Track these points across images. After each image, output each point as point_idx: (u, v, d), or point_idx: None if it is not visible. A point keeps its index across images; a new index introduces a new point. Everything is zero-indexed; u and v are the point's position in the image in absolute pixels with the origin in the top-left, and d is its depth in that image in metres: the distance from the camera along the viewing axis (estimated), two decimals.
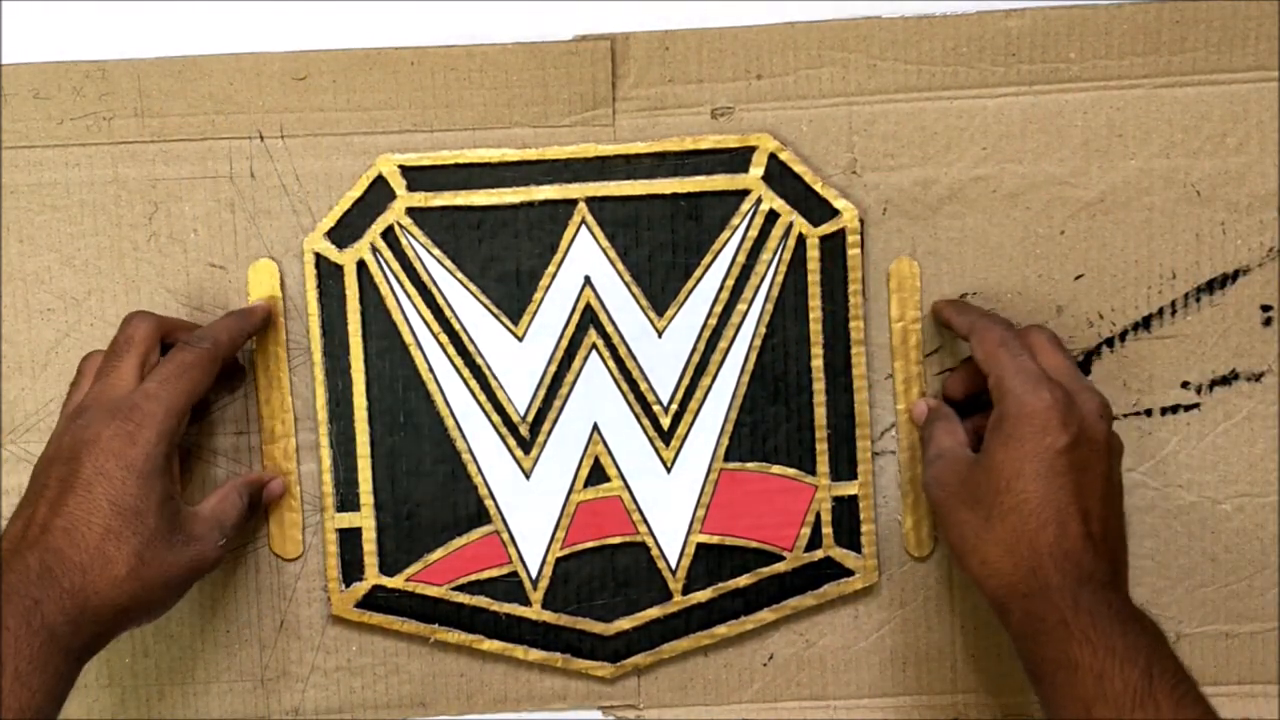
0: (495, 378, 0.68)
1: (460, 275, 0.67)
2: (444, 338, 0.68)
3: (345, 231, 0.67)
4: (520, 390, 0.68)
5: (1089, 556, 0.57)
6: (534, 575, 0.68)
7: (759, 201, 0.67)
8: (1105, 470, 0.59)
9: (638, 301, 0.68)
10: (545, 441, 0.68)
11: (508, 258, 0.67)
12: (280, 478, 0.67)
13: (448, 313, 0.67)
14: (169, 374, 0.60)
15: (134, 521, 0.57)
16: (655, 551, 0.68)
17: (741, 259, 0.67)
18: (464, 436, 0.68)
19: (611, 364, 0.68)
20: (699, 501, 0.68)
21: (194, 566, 0.60)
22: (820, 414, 0.68)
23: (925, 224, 0.67)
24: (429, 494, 0.68)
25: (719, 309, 0.68)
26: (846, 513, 0.68)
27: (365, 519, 0.68)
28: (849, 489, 0.68)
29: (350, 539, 0.68)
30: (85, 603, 0.55)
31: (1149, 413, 0.68)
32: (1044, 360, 0.62)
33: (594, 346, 0.68)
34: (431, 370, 0.68)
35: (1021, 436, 0.58)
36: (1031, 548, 0.57)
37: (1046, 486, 0.58)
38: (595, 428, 0.68)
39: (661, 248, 0.67)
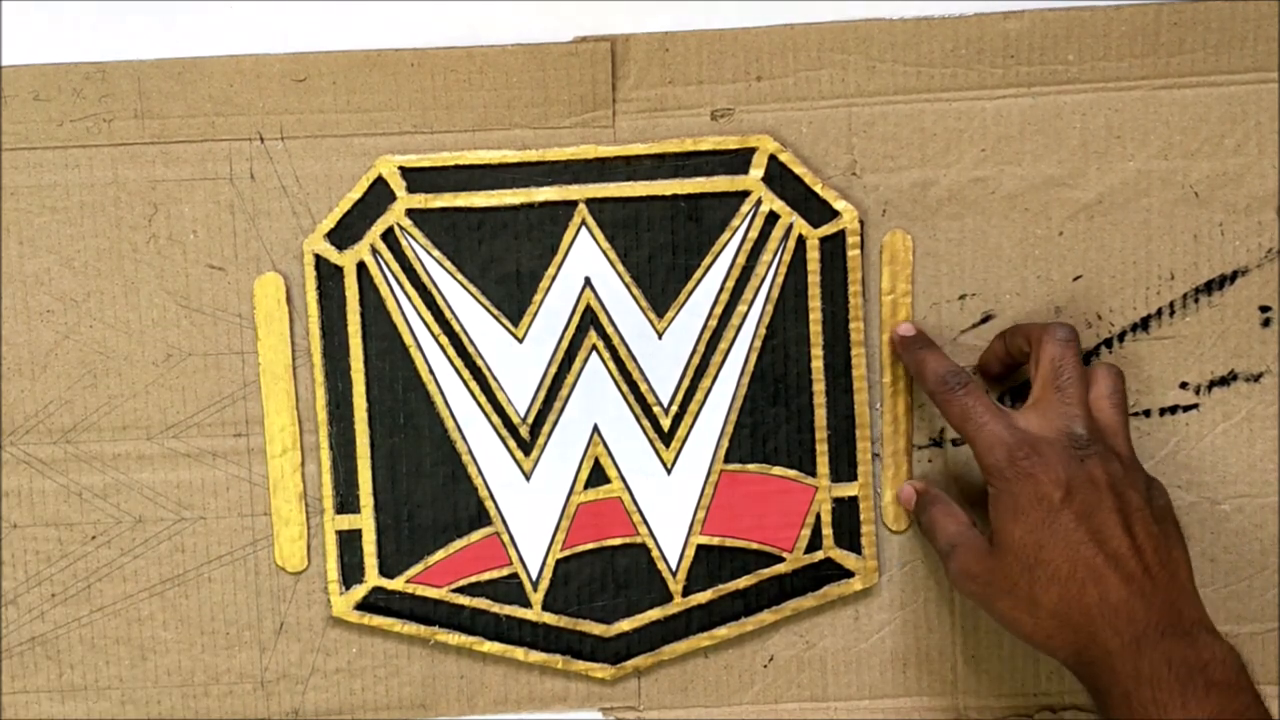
0: (495, 379, 0.68)
1: (460, 276, 0.67)
2: (444, 339, 0.68)
3: (345, 233, 0.67)
4: (520, 391, 0.68)
5: (1138, 604, 0.56)
6: (534, 577, 0.68)
7: (759, 203, 0.67)
8: (1114, 502, 0.58)
9: (638, 303, 0.68)
10: (545, 443, 0.68)
11: (508, 259, 0.67)
12: None
13: (448, 314, 0.67)
14: None
15: None
16: (655, 553, 0.68)
17: (742, 260, 0.67)
18: (464, 438, 0.68)
19: (612, 365, 0.68)
20: (699, 503, 0.68)
21: None
22: (820, 415, 0.68)
23: (924, 225, 0.68)
24: (429, 495, 0.68)
25: (719, 310, 0.68)
26: (847, 514, 0.68)
27: (365, 521, 0.68)
28: (849, 490, 0.68)
29: (350, 541, 0.68)
30: None
31: (1148, 413, 0.68)
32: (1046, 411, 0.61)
33: (594, 348, 0.68)
34: (431, 371, 0.68)
35: (1023, 507, 0.58)
36: (1083, 612, 0.57)
37: (1066, 546, 0.57)
38: (595, 429, 0.68)
39: (661, 249, 0.67)
